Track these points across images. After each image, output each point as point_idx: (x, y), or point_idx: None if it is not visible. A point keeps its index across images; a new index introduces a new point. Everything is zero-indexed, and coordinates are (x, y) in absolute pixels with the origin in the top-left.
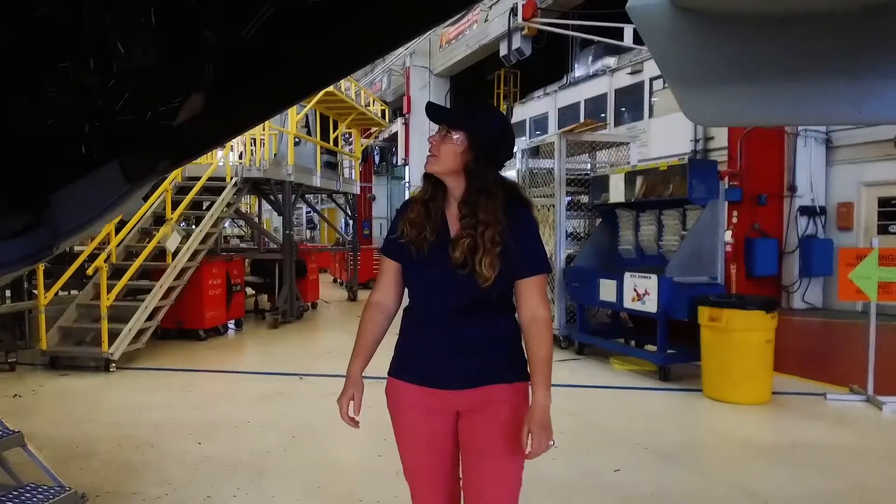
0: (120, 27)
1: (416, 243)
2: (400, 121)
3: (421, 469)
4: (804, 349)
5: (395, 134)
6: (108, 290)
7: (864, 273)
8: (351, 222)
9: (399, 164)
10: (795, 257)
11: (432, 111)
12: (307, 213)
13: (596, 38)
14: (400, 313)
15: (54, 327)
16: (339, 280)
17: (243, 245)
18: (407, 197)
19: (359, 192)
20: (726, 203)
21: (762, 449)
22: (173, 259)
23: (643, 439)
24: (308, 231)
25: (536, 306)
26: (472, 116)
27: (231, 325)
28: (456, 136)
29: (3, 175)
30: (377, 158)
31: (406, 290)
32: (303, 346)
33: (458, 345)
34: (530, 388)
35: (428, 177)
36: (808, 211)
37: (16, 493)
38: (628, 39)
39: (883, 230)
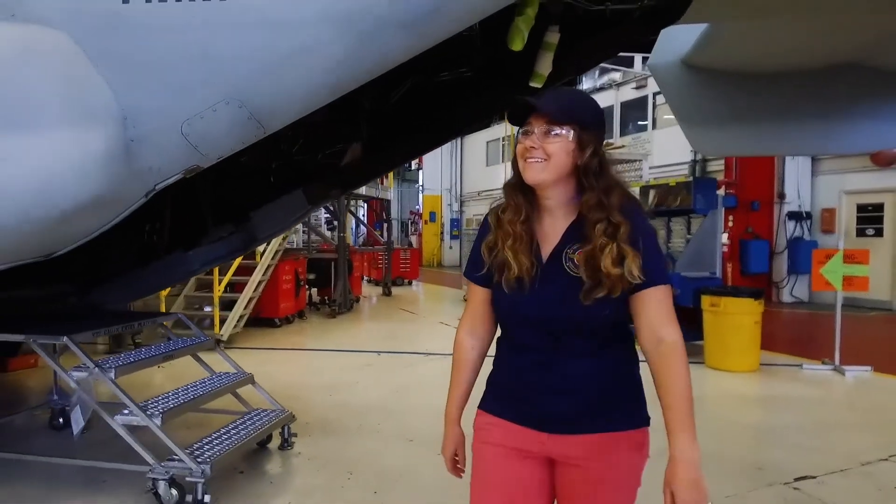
0: None
1: (524, 275)
2: None
3: None
4: (789, 333)
5: None
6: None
7: (831, 269)
8: (383, 224)
9: (412, 168)
10: (784, 257)
11: (527, 106)
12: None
13: (610, 66)
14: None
15: None
16: (368, 277)
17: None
18: (420, 203)
19: (391, 198)
20: (723, 210)
21: (749, 399)
22: (261, 257)
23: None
24: (329, 232)
25: (661, 325)
26: (575, 102)
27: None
28: (561, 129)
29: (216, 199)
30: None
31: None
32: (364, 331)
33: (564, 382)
34: (667, 435)
35: (517, 190)
36: (796, 216)
37: (255, 413)
38: (637, 67)
39: (861, 233)
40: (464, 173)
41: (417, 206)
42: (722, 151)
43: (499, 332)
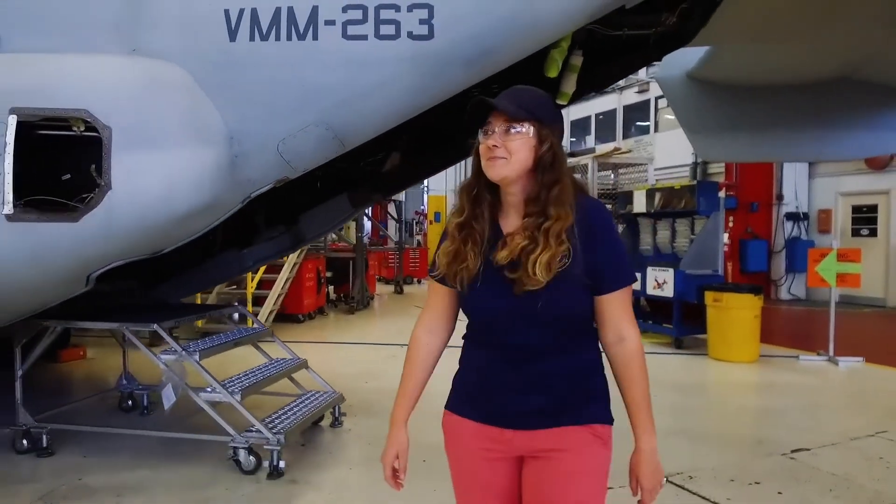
0: None
1: (458, 275)
2: None
3: None
4: (786, 328)
5: None
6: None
7: (826, 267)
8: (397, 225)
9: None
10: (782, 256)
11: (487, 105)
12: None
13: None
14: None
15: None
16: (378, 276)
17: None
18: (424, 204)
19: (404, 199)
20: (724, 212)
21: (749, 386)
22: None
23: (668, 381)
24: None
25: (623, 325)
26: (533, 100)
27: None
28: (521, 127)
29: (268, 202)
30: None
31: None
32: (384, 326)
33: (526, 380)
34: (632, 428)
35: (464, 192)
36: (793, 216)
37: (310, 394)
38: (641, 72)
39: (856, 233)
40: (467, 175)
41: (422, 207)
42: (725, 158)
43: (464, 333)
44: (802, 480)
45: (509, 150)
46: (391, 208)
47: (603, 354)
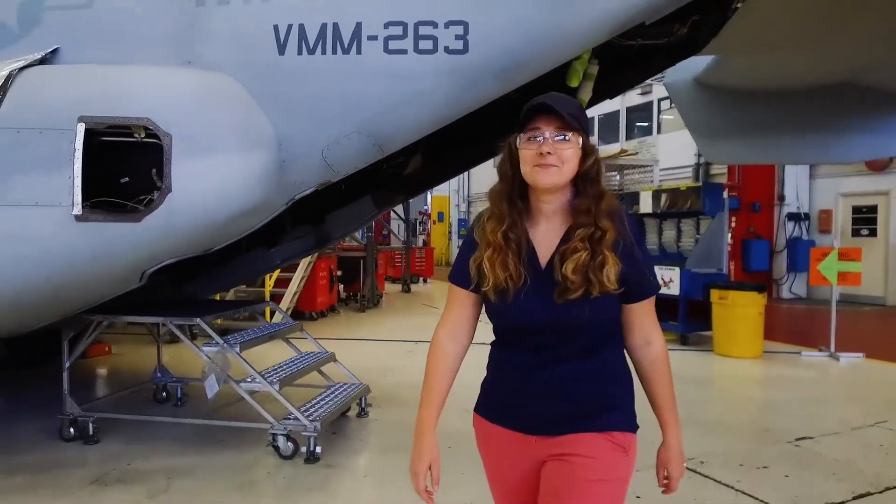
0: None
1: (503, 285)
2: None
3: None
4: (789, 325)
5: None
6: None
7: (827, 265)
8: (402, 224)
9: None
10: (784, 256)
11: (545, 108)
12: None
13: None
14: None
15: None
16: (385, 275)
17: None
18: (428, 204)
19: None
20: (728, 212)
21: (754, 380)
22: None
23: (676, 375)
24: None
25: (650, 330)
26: (574, 108)
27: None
28: (569, 135)
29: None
30: None
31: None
32: (395, 323)
33: (550, 386)
34: (660, 424)
35: (502, 197)
36: (795, 217)
37: (338, 385)
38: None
39: (856, 233)
40: (471, 174)
41: (426, 207)
42: (731, 160)
43: (492, 340)
44: (807, 465)
45: (562, 159)
46: (397, 208)
47: (628, 362)
